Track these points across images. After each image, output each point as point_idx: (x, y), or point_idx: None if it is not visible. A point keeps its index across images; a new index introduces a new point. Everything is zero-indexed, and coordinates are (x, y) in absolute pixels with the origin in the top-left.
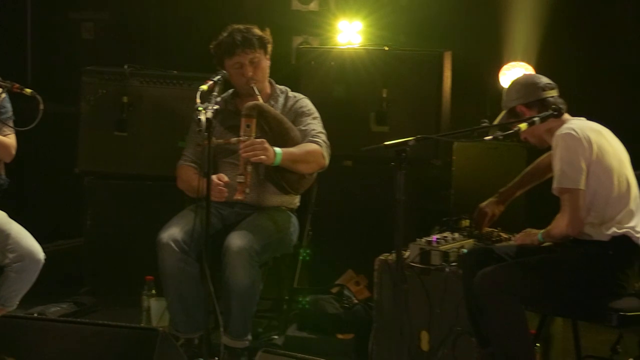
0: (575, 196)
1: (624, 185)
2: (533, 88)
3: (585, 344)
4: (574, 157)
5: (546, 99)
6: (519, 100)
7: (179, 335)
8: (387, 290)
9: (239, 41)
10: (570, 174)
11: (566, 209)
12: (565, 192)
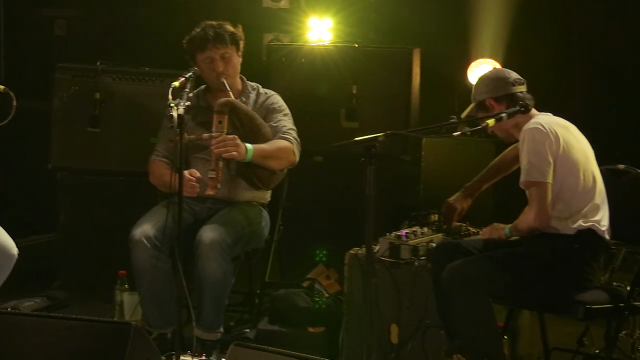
0: (543, 189)
1: (589, 179)
2: (503, 82)
3: (552, 337)
4: (541, 151)
5: (515, 94)
6: (488, 94)
7: (151, 330)
8: (357, 284)
9: (210, 36)
10: (538, 167)
11: (533, 202)
12: (532, 185)
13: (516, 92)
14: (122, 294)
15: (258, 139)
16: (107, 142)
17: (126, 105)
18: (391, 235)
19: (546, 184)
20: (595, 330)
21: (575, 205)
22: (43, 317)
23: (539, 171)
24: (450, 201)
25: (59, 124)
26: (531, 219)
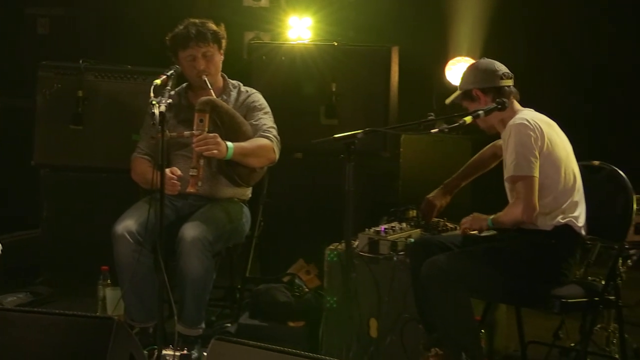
0: (530, 183)
1: (570, 177)
2: (491, 75)
3: (529, 330)
4: (528, 146)
5: (502, 87)
6: (476, 84)
7: (134, 325)
8: (337, 279)
9: (193, 34)
10: (524, 162)
11: (520, 196)
12: (519, 179)
13: (503, 85)
14: (104, 289)
15: (239, 137)
16: (90, 140)
17: (109, 103)
18: (370, 230)
19: (533, 178)
20: (571, 323)
21: (555, 202)
22: (27, 312)
23: (526, 165)
24: (429, 197)
25: (42, 122)
26: (519, 212)
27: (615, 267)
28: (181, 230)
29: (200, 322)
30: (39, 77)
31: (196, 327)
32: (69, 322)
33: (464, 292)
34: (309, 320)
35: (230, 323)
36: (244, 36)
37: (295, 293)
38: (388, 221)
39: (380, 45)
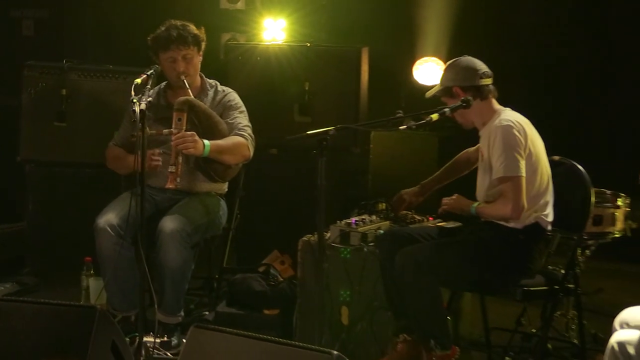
0: (518, 183)
1: (544, 178)
2: (472, 73)
3: (492, 317)
4: (514, 147)
5: (481, 86)
6: (457, 82)
7: (116, 313)
8: (310, 269)
9: (174, 37)
10: (513, 163)
11: (509, 195)
12: (507, 180)
13: (483, 84)
14: (88, 279)
15: (215, 135)
16: (73, 136)
17: (91, 101)
18: (341, 223)
19: (521, 177)
20: (532, 311)
21: (529, 203)
22: (13, 301)
23: (514, 166)
24: (403, 193)
25: (27, 119)
26: (508, 211)
27: (575, 257)
28: (161, 222)
29: (179, 310)
30: (24, 76)
31: (175, 315)
32: (54, 310)
33: (435, 282)
34: (283, 308)
35: (208, 311)
36: (221, 37)
37: (270, 282)
38: (358, 214)
39: (350, 46)
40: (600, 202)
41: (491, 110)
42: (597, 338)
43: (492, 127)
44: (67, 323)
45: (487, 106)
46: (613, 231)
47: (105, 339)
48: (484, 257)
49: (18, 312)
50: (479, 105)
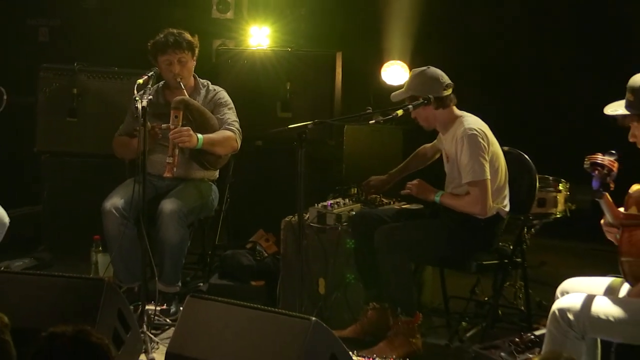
0: (485, 185)
1: (503, 175)
2: (437, 85)
3: (450, 287)
4: (480, 154)
5: (444, 97)
6: (423, 92)
7: (121, 285)
8: (291, 246)
9: (171, 42)
10: (479, 168)
11: (478, 197)
12: (476, 184)
13: (445, 95)
14: (96, 255)
15: (207, 129)
16: (83, 130)
17: (98, 99)
18: (319, 205)
19: (486, 180)
20: (485, 281)
21: (493, 197)
22: (31, 274)
23: (481, 171)
24: (371, 179)
25: (42, 115)
26: (477, 210)
27: (521, 235)
28: (160, 204)
29: (177, 282)
30: (40, 77)
31: (174, 286)
32: (67, 282)
33: (405, 257)
34: (268, 280)
35: (202, 283)
36: (212, 43)
37: (257, 257)
38: (333, 197)
39: (326, 51)
40: (543, 187)
41: (452, 116)
42: (541, 305)
43: (457, 134)
44: (78, 293)
45: (448, 113)
46: (555, 212)
47: (112, 307)
48: (449, 238)
49: (35, 283)
50: (440, 113)
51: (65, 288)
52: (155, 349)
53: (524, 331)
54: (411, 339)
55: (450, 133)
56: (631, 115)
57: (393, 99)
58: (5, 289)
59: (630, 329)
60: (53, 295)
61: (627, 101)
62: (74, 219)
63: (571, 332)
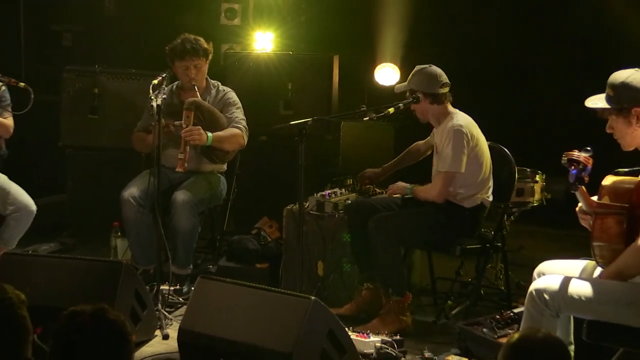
0: (450, 177)
1: (487, 168)
2: (434, 82)
3: (437, 269)
4: (461, 149)
5: (440, 94)
6: (421, 87)
7: (138, 267)
8: (292, 231)
9: (188, 49)
10: (457, 161)
11: (439, 184)
12: (445, 174)
13: (441, 92)
14: (115, 240)
15: (216, 128)
16: (103, 126)
17: (117, 98)
18: (317, 195)
19: (454, 173)
20: (468, 264)
21: (476, 189)
22: (56, 257)
23: (457, 163)
24: (366, 171)
25: (66, 113)
26: (434, 195)
27: (502, 222)
28: (174, 195)
29: (189, 264)
30: (64, 78)
31: (186, 268)
32: (89, 265)
33: (397, 243)
34: (271, 263)
35: (211, 265)
36: (221, 47)
37: (261, 242)
38: (331, 188)
39: (324, 54)
40: (522, 178)
41: (445, 112)
42: (519, 286)
43: (446, 127)
44: (99, 275)
45: (442, 109)
46: (532, 201)
47: (130, 288)
48: (437, 225)
49: (60, 266)
50: (435, 108)
51: (87, 270)
52: (169, 325)
53: (504, 309)
54: (401, 317)
55: (441, 127)
56: (610, 109)
57: (396, 91)
58: (32, 271)
59: (601, 307)
60: (76, 276)
61: (607, 96)
62: (95, 207)
63: (547, 311)
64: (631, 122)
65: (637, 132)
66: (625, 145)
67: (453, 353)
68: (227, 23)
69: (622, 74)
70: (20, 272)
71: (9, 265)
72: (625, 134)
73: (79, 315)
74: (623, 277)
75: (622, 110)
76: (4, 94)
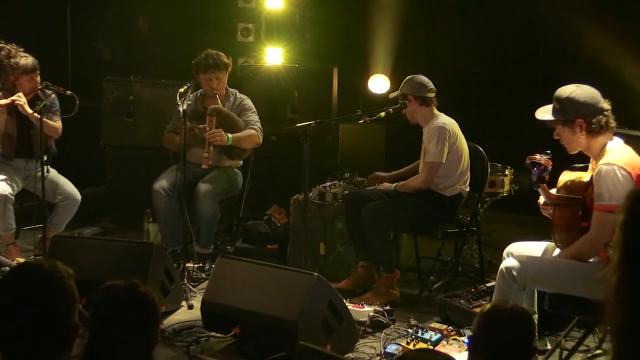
0: (436, 167)
1: (465, 162)
2: (422, 88)
3: (421, 250)
4: (444, 143)
5: (426, 97)
6: (411, 91)
7: (167, 247)
8: (298, 217)
9: (211, 64)
10: (439, 153)
11: (425, 172)
12: (432, 164)
13: (428, 96)
14: (148, 225)
15: (235, 130)
16: (137, 128)
17: (149, 104)
18: (320, 186)
19: (439, 164)
20: (448, 245)
21: (455, 181)
22: (97, 239)
23: (440, 155)
24: (375, 173)
25: (106, 116)
26: (420, 183)
27: (477, 209)
28: (198, 186)
29: (210, 245)
30: (104, 87)
31: (208, 249)
32: (125, 246)
33: (386, 228)
34: (280, 244)
35: (229, 246)
36: (238, 60)
37: (272, 227)
38: (331, 180)
39: (325, 66)
40: (494, 172)
41: (431, 114)
42: (491, 264)
43: (432, 126)
44: (133, 254)
45: (428, 111)
46: (502, 191)
47: (160, 265)
48: (421, 212)
49: (100, 246)
50: (423, 110)
51: (123, 250)
52: (193, 297)
53: (478, 284)
54: (391, 290)
55: (428, 126)
56: (556, 120)
57: (390, 97)
58: (77, 251)
59: (560, 282)
60: (113, 255)
61: (554, 108)
62: (130, 196)
63: (515, 285)
64: (575, 131)
65: (580, 139)
66: (571, 150)
67: (435, 321)
68: (243, 40)
69: (566, 89)
70: (68, 251)
71: (58, 245)
72: (571, 141)
73: (113, 289)
74: (577, 259)
75: (567, 121)
76: (53, 100)
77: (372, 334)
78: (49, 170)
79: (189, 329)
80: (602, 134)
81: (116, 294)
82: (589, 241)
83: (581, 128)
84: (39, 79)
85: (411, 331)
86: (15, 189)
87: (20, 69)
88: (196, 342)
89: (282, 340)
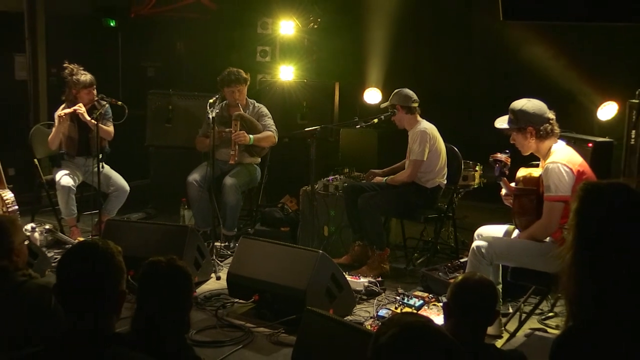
0: (417, 164)
1: (443, 160)
2: (408, 99)
3: (407, 231)
4: (425, 144)
5: (411, 106)
6: (399, 102)
7: (199, 229)
8: (307, 205)
9: (233, 79)
10: (421, 152)
11: (410, 169)
12: (414, 162)
13: (412, 105)
14: (183, 211)
15: (255, 132)
16: (175, 131)
17: (185, 112)
18: (324, 179)
19: (422, 161)
20: (429, 228)
21: (435, 175)
22: (143, 223)
23: (420, 154)
24: (371, 170)
25: (150, 122)
26: (406, 177)
27: (452, 198)
28: (224, 180)
29: (234, 228)
30: (148, 98)
31: (232, 231)
32: (165, 228)
33: (378, 214)
34: (292, 227)
35: (250, 229)
36: (257, 77)
37: (285, 213)
38: (333, 175)
39: (329, 81)
40: (466, 168)
41: (415, 120)
42: (464, 243)
43: (416, 130)
44: (171, 235)
45: (413, 118)
46: (473, 184)
47: (194, 244)
48: (407, 201)
49: (146, 229)
50: (409, 117)
51: (163, 231)
52: (221, 270)
53: (453, 259)
54: (382, 265)
55: (412, 130)
56: (511, 128)
57: (381, 106)
58: (126, 232)
59: (521, 258)
60: (155, 236)
61: (509, 118)
62: (169, 187)
63: (483, 261)
64: (527, 136)
65: (531, 143)
66: (524, 152)
67: (418, 290)
68: (261, 60)
69: (519, 102)
70: (119, 232)
71: (111, 227)
72: (524, 145)
73: (156, 264)
74: (533, 239)
75: (520, 129)
76: (107, 110)
77: (367, 301)
78: (103, 167)
79: (217, 296)
80: (548, 138)
81: (158, 267)
82: (542, 225)
83: (531, 134)
84: (95, 92)
85: (399, 298)
86: (77, 182)
87: (81, 84)
88: (223, 307)
89: (293, 305)
